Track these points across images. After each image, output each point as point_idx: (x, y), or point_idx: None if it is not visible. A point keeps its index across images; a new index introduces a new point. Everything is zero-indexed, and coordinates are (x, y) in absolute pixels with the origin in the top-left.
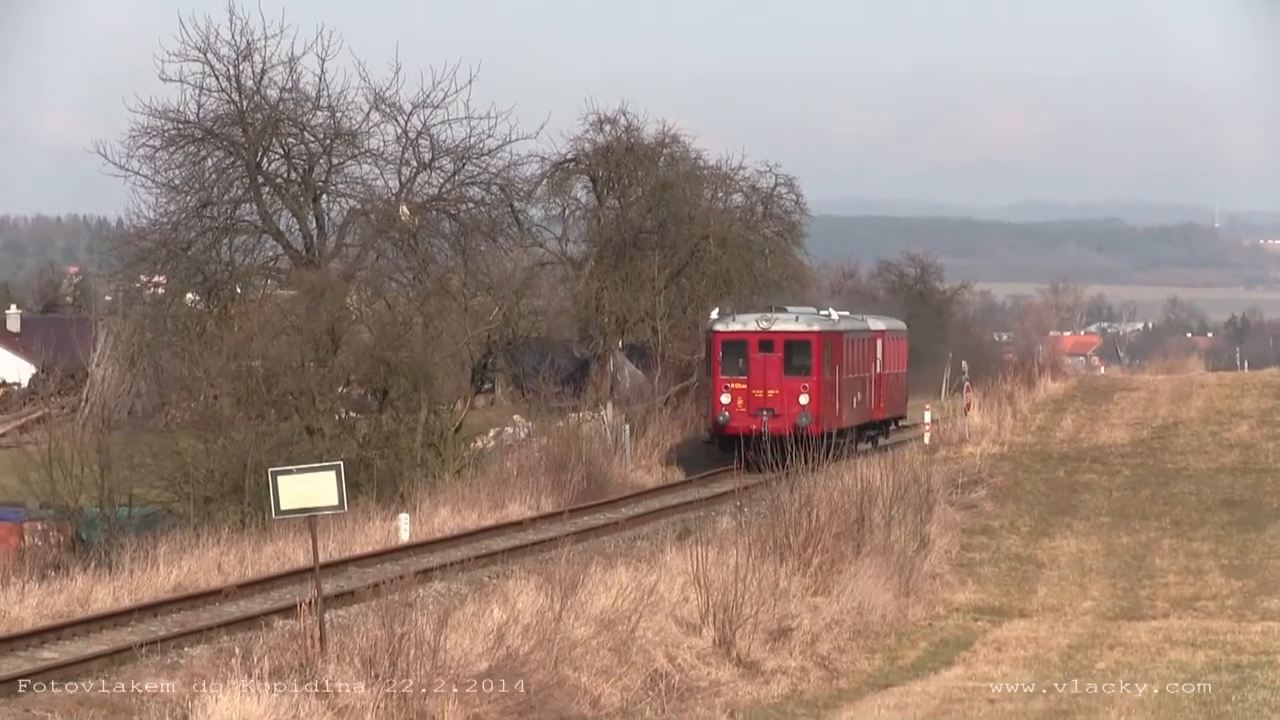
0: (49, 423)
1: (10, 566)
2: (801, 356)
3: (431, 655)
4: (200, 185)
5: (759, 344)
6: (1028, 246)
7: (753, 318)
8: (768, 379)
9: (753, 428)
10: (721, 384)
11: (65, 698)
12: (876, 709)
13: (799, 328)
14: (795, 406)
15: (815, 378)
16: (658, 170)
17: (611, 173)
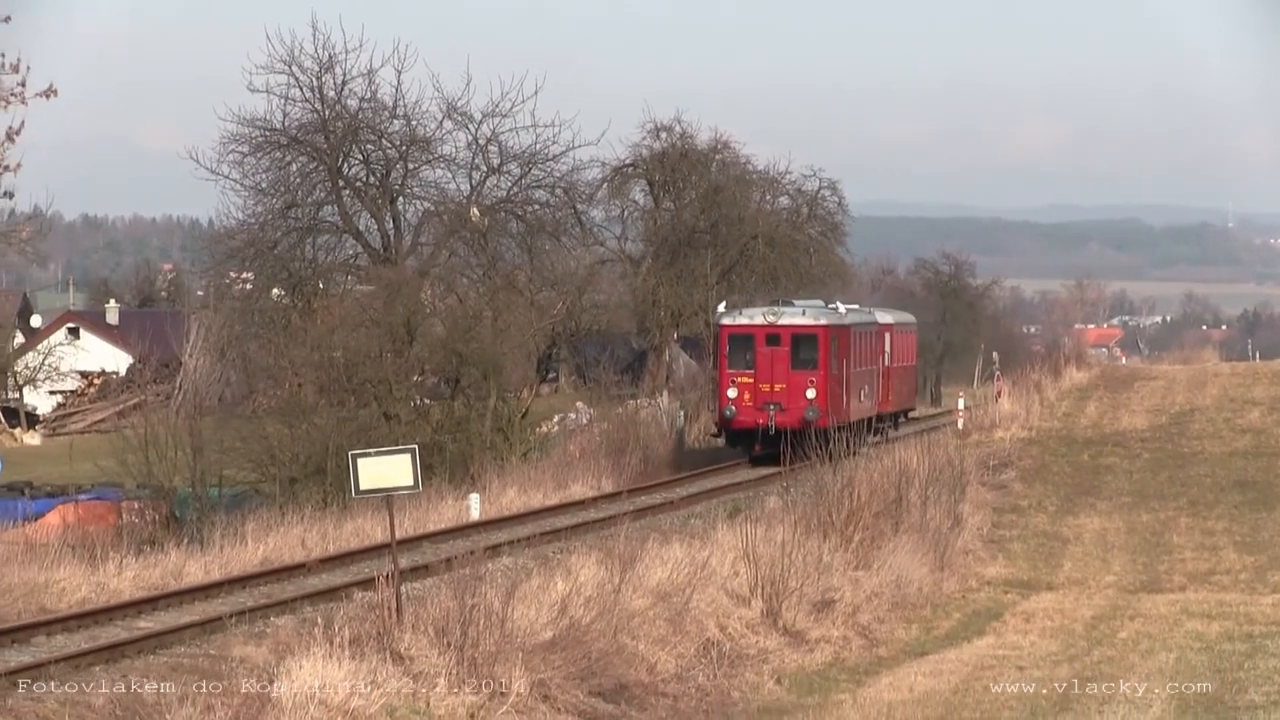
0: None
1: (109, 542)
2: (809, 350)
3: (500, 625)
4: (285, 188)
5: (766, 338)
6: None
7: (759, 311)
8: (774, 373)
9: (759, 422)
10: (728, 378)
11: (160, 664)
12: (913, 675)
13: (806, 321)
14: (802, 400)
15: (822, 372)
16: (710, 174)
17: (667, 177)
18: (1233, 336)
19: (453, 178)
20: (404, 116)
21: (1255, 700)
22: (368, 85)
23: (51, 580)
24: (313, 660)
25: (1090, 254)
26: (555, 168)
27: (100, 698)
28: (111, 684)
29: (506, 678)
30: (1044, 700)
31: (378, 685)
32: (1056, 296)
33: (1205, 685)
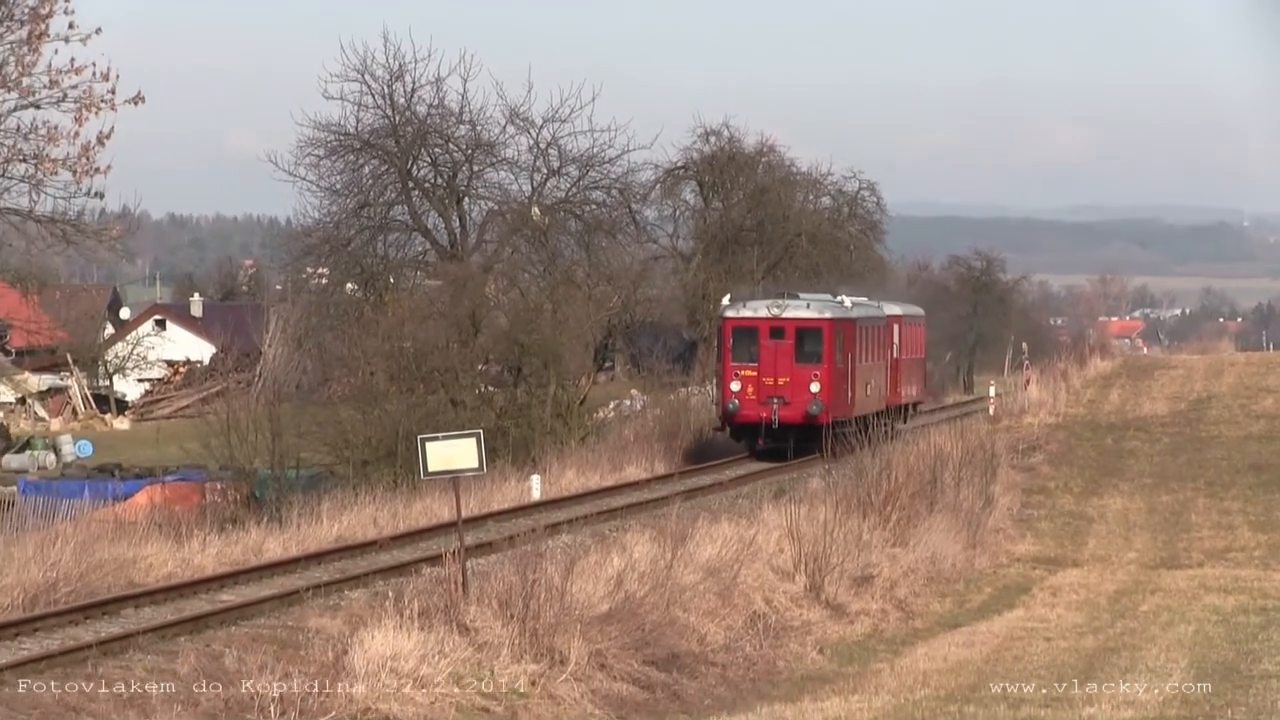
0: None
1: (194, 521)
2: (813, 344)
3: (559, 598)
4: (358, 189)
5: (770, 331)
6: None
7: (764, 304)
8: (778, 366)
9: (763, 416)
10: (731, 371)
11: (241, 634)
12: (947, 646)
13: (810, 315)
14: (806, 394)
15: (826, 365)
16: (756, 176)
17: (716, 178)
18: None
19: (515, 179)
20: (469, 122)
21: (1269, 670)
22: (435, 92)
23: (139, 556)
24: (384, 631)
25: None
26: (611, 170)
27: (185, 666)
28: (196, 653)
29: (565, 648)
30: (1071, 670)
31: (445, 655)
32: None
33: (1222, 655)
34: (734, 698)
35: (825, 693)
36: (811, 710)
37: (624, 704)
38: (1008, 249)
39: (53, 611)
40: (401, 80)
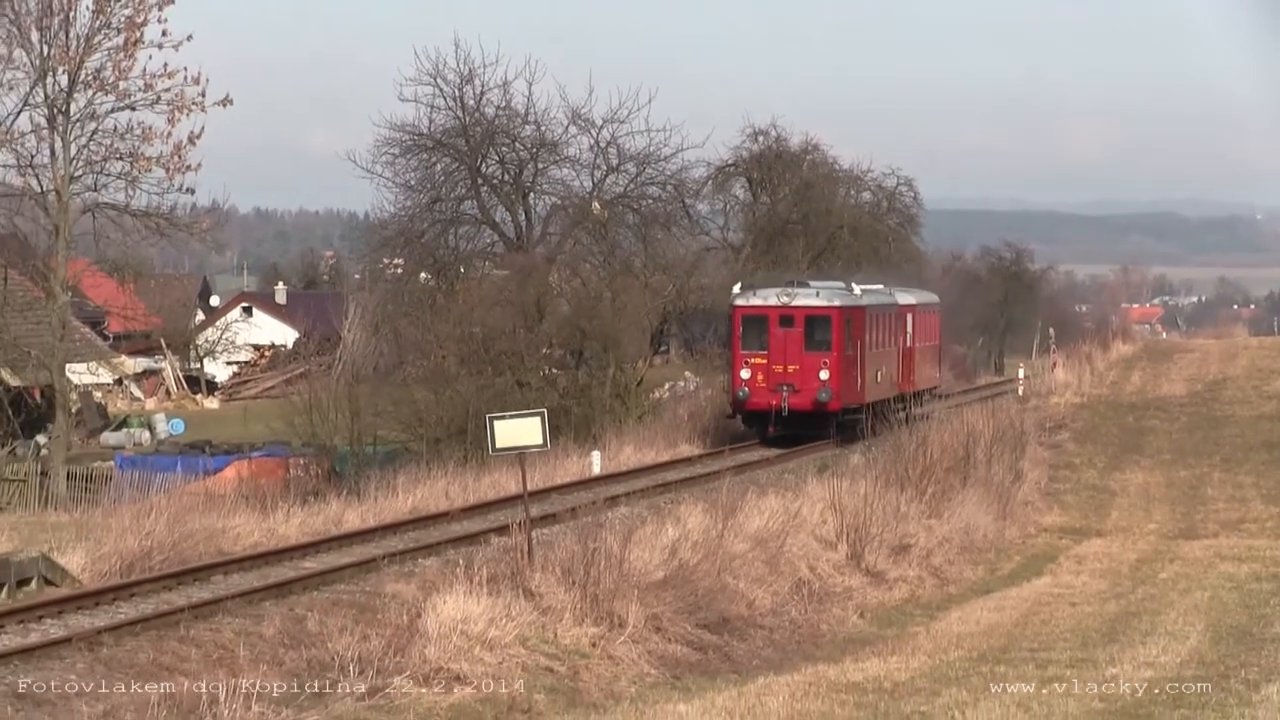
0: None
1: (278, 494)
2: (822, 332)
3: (618, 565)
4: (431, 185)
5: (780, 319)
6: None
7: (774, 292)
8: (788, 354)
9: (773, 403)
10: (742, 359)
11: (322, 599)
12: (979, 610)
13: (819, 303)
14: (815, 382)
15: (836, 353)
16: (801, 173)
17: (764, 175)
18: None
19: (577, 176)
20: (534, 122)
21: (1279, 633)
22: (503, 95)
23: (228, 526)
24: (455, 596)
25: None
26: (666, 167)
27: (270, 628)
28: (280, 616)
29: (624, 612)
30: (1095, 633)
31: (511, 618)
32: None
33: (1236, 619)
34: (780, 658)
35: (865, 654)
36: (853, 670)
37: (678, 664)
38: (1035, 241)
39: (148, 578)
40: (471, 84)
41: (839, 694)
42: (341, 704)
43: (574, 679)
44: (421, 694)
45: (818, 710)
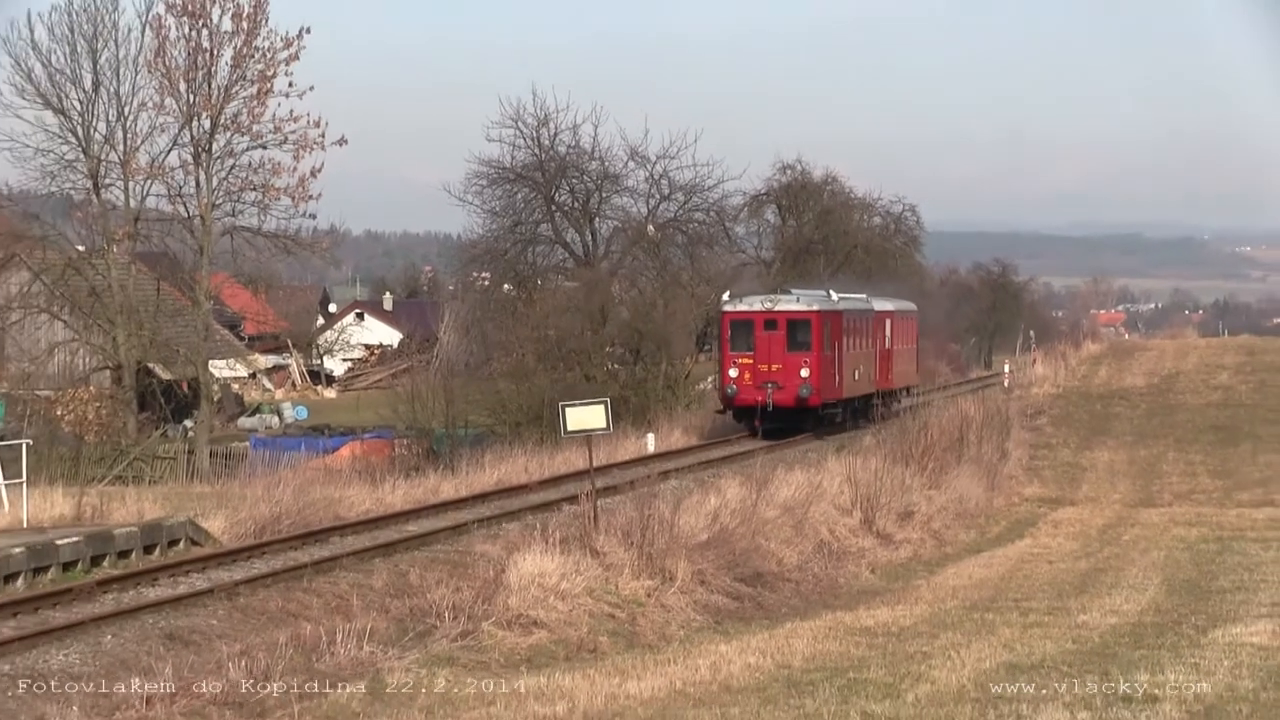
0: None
1: (385, 469)
2: (803, 334)
3: (669, 529)
4: (513, 211)
5: (764, 323)
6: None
7: (758, 299)
8: (772, 355)
9: (758, 399)
10: (730, 359)
11: (421, 557)
12: (971, 567)
13: (800, 308)
14: (797, 380)
15: (815, 353)
16: (823, 200)
17: (791, 202)
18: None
19: (634, 203)
20: (599, 158)
21: (1224, 585)
22: (573, 136)
23: (344, 496)
24: (533, 555)
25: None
26: (709, 195)
27: (379, 581)
28: (387, 571)
29: (673, 568)
30: (1068, 585)
31: (580, 573)
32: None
33: (1187, 575)
34: (805, 607)
35: (876, 603)
36: (865, 616)
37: (719, 611)
38: (1019, 257)
39: (276, 539)
40: (546, 127)
41: (854, 636)
42: (438, 645)
43: (632, 624)
44: (505, 636)
45: (836, 650)
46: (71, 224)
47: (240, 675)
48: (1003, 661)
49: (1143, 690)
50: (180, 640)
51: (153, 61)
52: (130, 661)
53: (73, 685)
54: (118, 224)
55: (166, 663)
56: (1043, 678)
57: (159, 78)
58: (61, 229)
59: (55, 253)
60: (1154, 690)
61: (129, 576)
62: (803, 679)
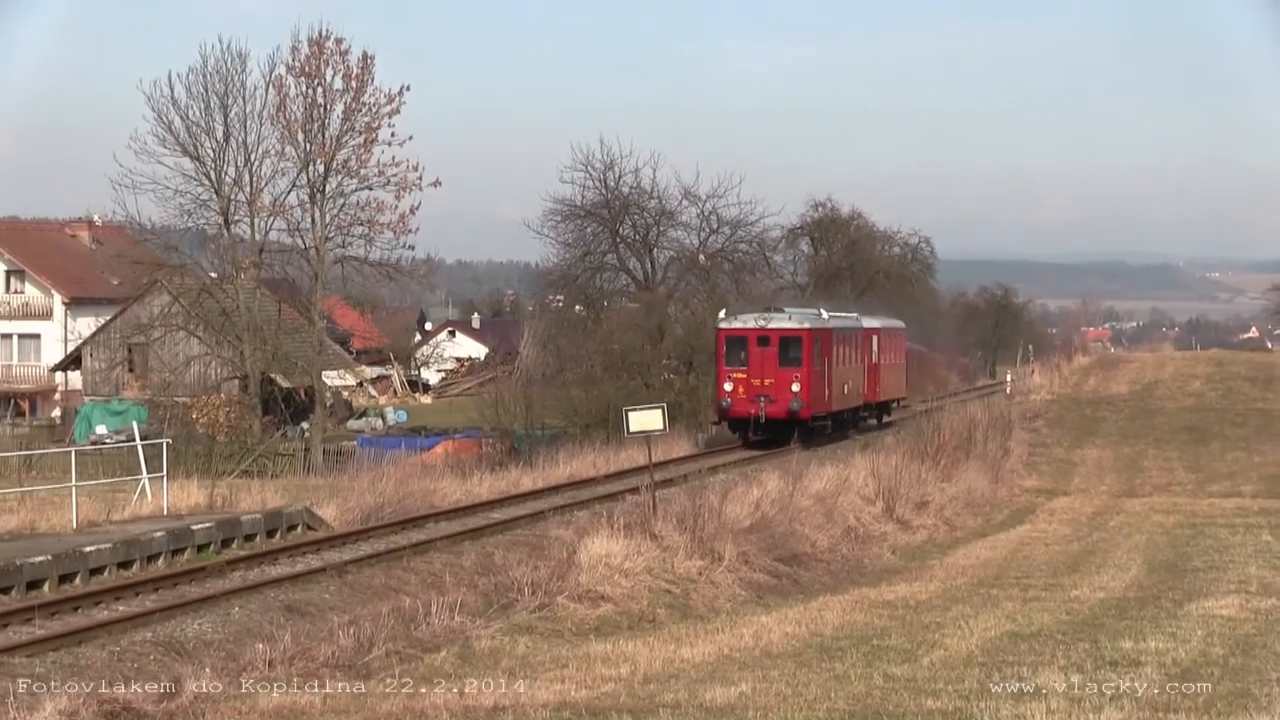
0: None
1: (474, 464)
2: (794, 350)
3: (717, 516)
4: (582, 243)
5: (757, 339)
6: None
7: (752, 316)
8: (764, 370)
9: (751, 412)
10: (725, 374)
11: (504, 540)
12: (979, 548)
13: (791, 325)
14: (788, 393)
15: (806, 368)
16: (849, 233)
17: (822, 234)
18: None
19: (688, 235)
20: (657, 197)
21: (1197, 565)
22: (635, 178)
23: (437, 488)
24: (600, 538)
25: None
26: (752, 229)
27: (468, 561)
28: (475, 553)
29: (721, 550)
30: (1062, 565)
31: (641, 554)
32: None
33: (1165, 556)
34: (834, 583)
35: (896, 580)
36: (887, 592)
37: (760, 587)
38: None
39: (380, 525)
40: (612, 170)
41: (877, 609)
42: (519, 616)
43: (686, 598)
44: (576, 609)
45: (862, 620)
46: (205, 254)
47: (349, 641)
48: (1006, 631)
49: (1127, 655)
50: (297, 611)
51: (275, 115)
52: (254, 630)
53: (205, 650)
54: (245, 254)
55: (286, 631)
56: (1040, 644)
57: (280, 129)
58: (197, 259)
59: (191, 279)
60: (1137, 656)
61: (254, 557)
62: (833, 645)
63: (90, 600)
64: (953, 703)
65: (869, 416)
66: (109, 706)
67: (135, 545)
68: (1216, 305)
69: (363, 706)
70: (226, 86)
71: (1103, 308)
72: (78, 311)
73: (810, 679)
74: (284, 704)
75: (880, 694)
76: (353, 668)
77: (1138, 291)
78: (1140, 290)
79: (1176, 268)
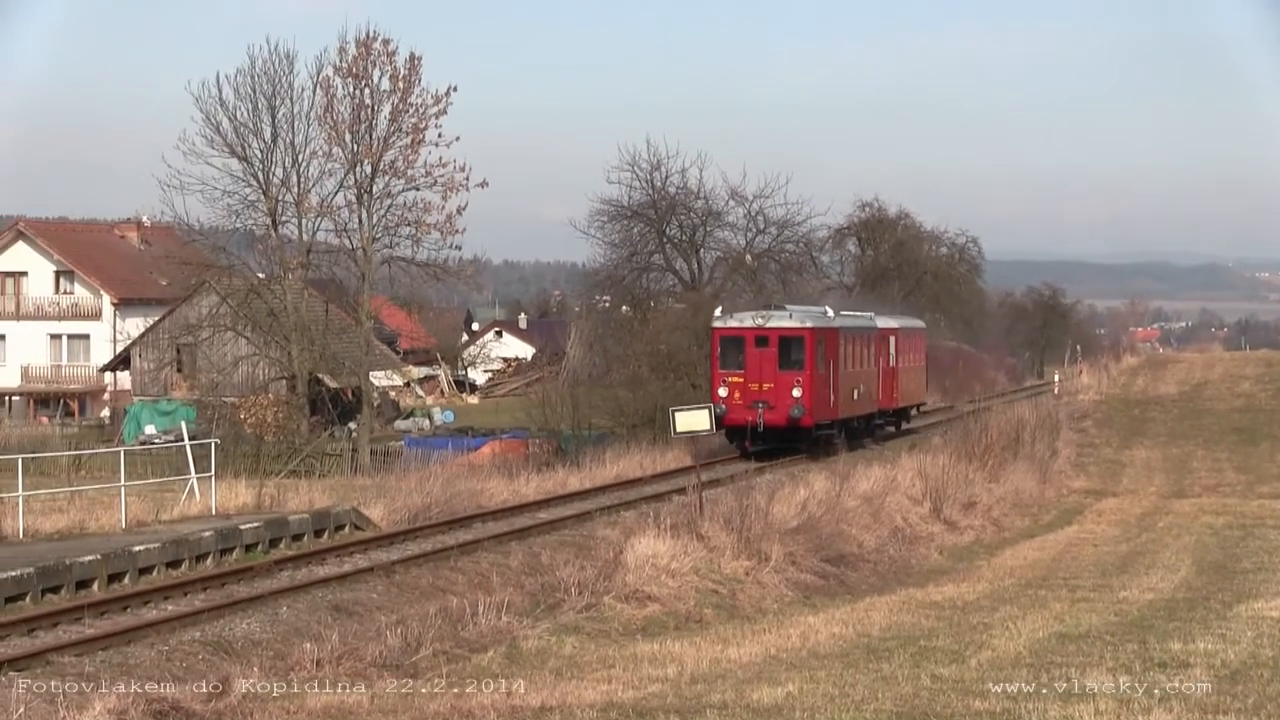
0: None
1: (521, 465)
2: (796, 352)
3: (764, 517)
4: (629, 243)
5: (755, 340)
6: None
7: (749, 315)
8: (763, 373)
9: (749, 420)
10: (720, 377)
11: (551, 540)
12: (1026, 549)
13: (793, 324)
14: (789, 399)
15: (808, 372)
16: (897, 233)
17: (869, 234)
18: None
19: (734, 236)
20: (703, 198)
21: (1246, 566)
22: (681, 178)
23: (485, 488)
24: (647, 538)
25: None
26: (799, 229)
27: (515, 561)
28: (522, 553)
29: (768, 550)
30: (1110, 566)
31: (687, 555)
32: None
33: (1214, 557)
34: (882, 584)
35: (943, 581)
36: (934, 592)
37: (807, 588)
38: (1066, 282)
39: (427, 525)
40: (659, 170)
41: (924, 609)
42: (566, 616)
43: (732, 598)
44: (623, 609)
45: (909, 621)
46: (253, 255)
47: (396, 641)
48: (1053, 631)
49: (1176, 657)
50: (345, 611)
51: (322, 116)
52: (302, 629)
53: (253, 649)
54: (292, 255)
55: (333, 630)
56: (1088, 646)
57: (327, 130)
58: (244, 259)
59: (239, 280)
60: (1186, 657)
61: (301, 556)
62: (880, 646)
63: (139, 600)
64: (1000, 704)
65: (885, 423)
66: (158, 705)
67: (184, 545)
68: (1266, 305)
69: (410, 706)
70: (274, 88)
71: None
72: (126, 312)
73: (857, 679)
74: (332, 703)
75: (928, 695)
76: (400, 667)
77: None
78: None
79: (1225, 268)
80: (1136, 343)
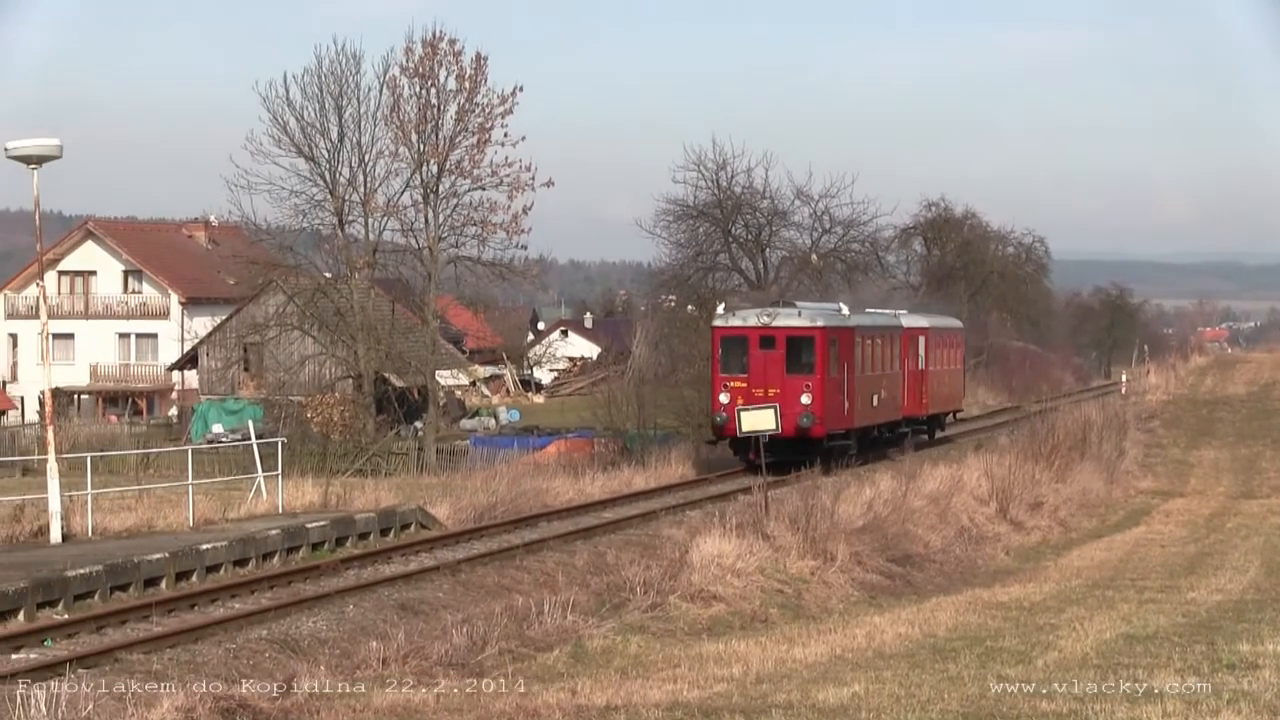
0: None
1: (586, 464)
2: (805, 353)
3: (830, 516)
4: (695, 243)
5: (760, 340)
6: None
7: (754, 313)
8: (769, 377)
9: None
10: (720, 382)
11: (617, 539)
12: (1093, 550)
13: (802, 323)
14: (797, 406)
15: (819, 376)
16: (963, 233)
17: (935, 234)
18: None
19: (800, 235)
20: (769, 197)
21: None
22: (747, 178)
23: (550, 487)
24: (712, 538)
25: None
26: (865, 229)
27: (580, 560)
28: (588, 552)
29: (834, 550)
30: (1178, 567)
31: (753, 554)
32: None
33: None
34: (948, 584)
35: (1010, 581)
36: (1001, 593)
37: (873, 588)
38: (1133, 282)
39: (493, 524)
40: (724, 170)
41: (990, 610)
42: (631, 615)
43: (798, 598)
44: (689, 608)
45: (975, 621)
46: (320, 254)
47: (462, 640)
48: (1121, 633)
49: (1244, 658)
50: (411, 610)
51: (389, 116)
52: (369, 628)
53: (320, 648)
54: (359, 254)
55: (399, 629)
56: (1156, 647)
57: (394, 130)
58: (311, 259)
59: (306, 279)
60: (1254, 659)
61: (368, 555)
62: (946, 647)
63: (206, 598)
64: (1067, 705)
65: (915, 431)
66: (225, 703)
67: (251, 543)
68: None
69: (476, 705)
70: (341, 88)
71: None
72: (194, 311)
73: (923, 680)
74: (398, 702)
75: (994, 696)
76: (466, 666)
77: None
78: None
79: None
80: (1205, 342)
